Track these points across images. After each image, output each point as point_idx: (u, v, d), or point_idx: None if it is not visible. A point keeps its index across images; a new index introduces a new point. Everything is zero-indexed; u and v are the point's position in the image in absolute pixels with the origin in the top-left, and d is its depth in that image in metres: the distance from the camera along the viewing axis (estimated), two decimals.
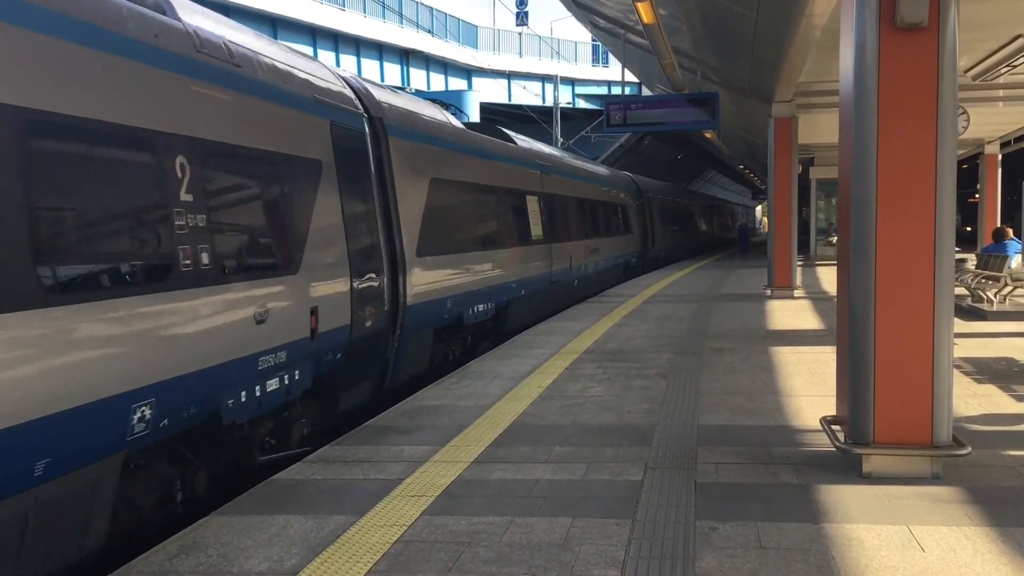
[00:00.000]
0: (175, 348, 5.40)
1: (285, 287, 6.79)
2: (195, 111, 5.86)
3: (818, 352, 10.50)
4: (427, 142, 10.65)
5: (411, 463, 6.14)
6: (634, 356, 10.59)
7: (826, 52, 12.82)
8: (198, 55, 5.99)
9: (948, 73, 5.37)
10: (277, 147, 6.92)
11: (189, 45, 5.92)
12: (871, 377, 5.52)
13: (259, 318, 6.36)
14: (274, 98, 7.00)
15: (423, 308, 9.83)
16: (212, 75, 6.13)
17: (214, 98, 6.14)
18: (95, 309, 4.73)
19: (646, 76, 26.17)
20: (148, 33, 5.49)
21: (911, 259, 5.45)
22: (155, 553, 4.62)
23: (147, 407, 5.13)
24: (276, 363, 6.64)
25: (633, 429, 6.99)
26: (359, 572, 4.31)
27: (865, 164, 5.47)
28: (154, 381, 5.19)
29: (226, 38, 6.56)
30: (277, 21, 29.52)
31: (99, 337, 4.77)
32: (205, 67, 6.05)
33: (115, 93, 5.07)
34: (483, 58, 41.25)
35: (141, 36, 5.40)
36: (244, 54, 6.71)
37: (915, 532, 4.67)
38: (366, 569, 4.34)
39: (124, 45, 5.20)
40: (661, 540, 4.62)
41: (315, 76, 8.10)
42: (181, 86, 5.74)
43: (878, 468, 5.56)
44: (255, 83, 6.73)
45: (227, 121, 6.25)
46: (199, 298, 5.64)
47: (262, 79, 6.85)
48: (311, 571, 4.33)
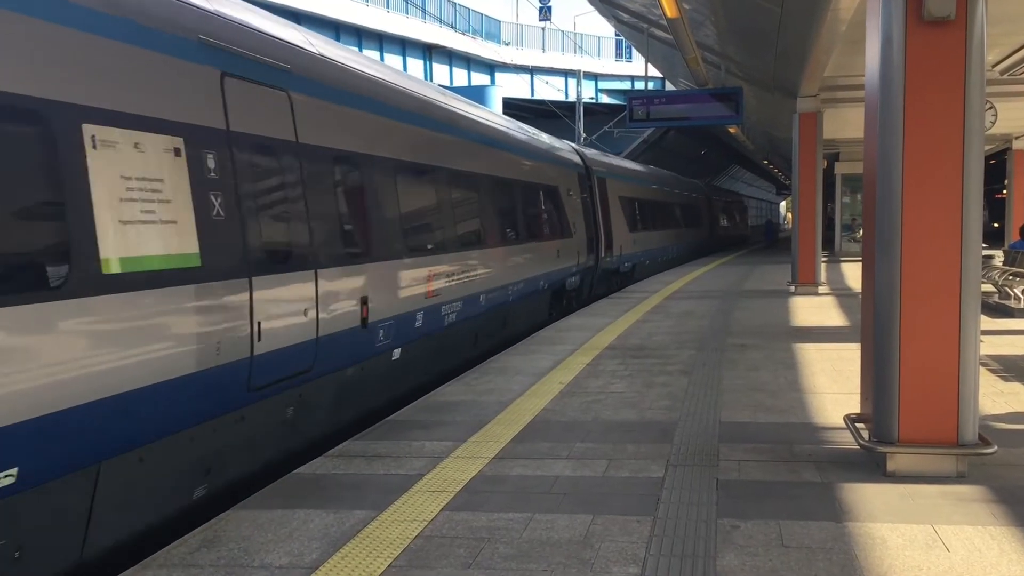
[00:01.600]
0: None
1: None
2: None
3: (842, 349, 10.42)
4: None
5: (432, 459, 6.15)
6: (656, 352, 10.55)
7: (852, 46, 12.71)
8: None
9: (976, 67, 5.30)
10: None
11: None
12: (896, 374, 5.46)
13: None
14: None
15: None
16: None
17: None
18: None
19: (670, 71, 26.07)
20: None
21: (937, 255, 5.39)
22: (177, 546, 4.65)
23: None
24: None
25: (654, 426, 6.96)
26: (379, 567, 4.31)
27: (891, 159, 5.41)
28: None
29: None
30: (301, 16, 29.61)
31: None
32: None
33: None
34: (506, 53, 41.23)
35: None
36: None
37: (940, 532, 4.62)
38: (386, 564, 4.34)
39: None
40: (682, 538, 4.60)
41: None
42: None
43: (902, 467, 5.50)
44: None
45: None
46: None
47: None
48: (331, 566, 4.34)
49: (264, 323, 6.21)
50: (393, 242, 8.62)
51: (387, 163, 8.73)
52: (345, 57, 8.57)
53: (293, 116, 7.00)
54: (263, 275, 6.26)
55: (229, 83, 6.16)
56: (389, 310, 8.39)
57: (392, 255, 8.55)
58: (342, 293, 7.44)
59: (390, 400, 8.85)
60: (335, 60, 8.17)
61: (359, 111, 8.28)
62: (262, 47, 6.74)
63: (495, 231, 12.27)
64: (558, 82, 44.75)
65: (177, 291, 5.40)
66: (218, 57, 6.09)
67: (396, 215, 8.79)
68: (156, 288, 5.22)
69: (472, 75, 40.49)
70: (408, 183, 9.24)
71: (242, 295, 6.00)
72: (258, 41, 6.74)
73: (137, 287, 5.05)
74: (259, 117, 6.52)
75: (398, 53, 35.52)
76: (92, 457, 4.79)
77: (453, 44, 38.08)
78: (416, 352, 9.24)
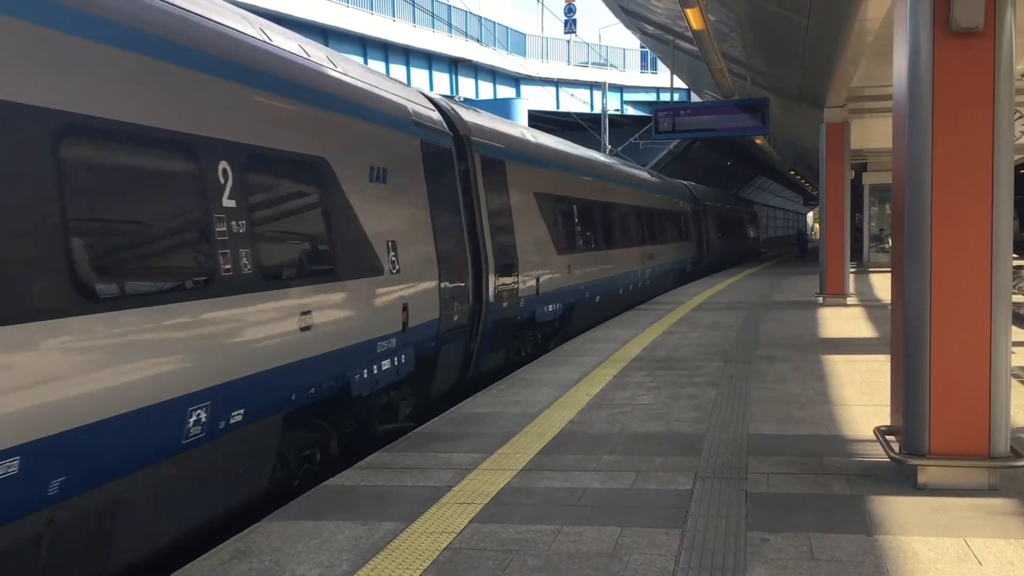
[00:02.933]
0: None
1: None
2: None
3: (871, 361, 10.35)
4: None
5: (459, 470, 6.17)
6: (683, 364, 10.52)
7: (879, 57, 12.65)
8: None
9: (1004, 78, 5.28)
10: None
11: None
12: (927, 386, 5.42)
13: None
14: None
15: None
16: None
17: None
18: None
19: (695, 82, 26.05)
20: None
21: (967, 266, 5.36)
22: (208, 557, 4.70)
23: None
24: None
25: (682, 438, 6.95)
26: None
27: (920, 170, 5.39)
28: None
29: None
30: (328, 32, 29.88)
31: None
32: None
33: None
34: (531, 66, 41.37)
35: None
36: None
37: (972, 545, 4.58)
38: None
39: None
40: (711, 551, 4.59)
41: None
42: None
43: (933, 479, 5.46)
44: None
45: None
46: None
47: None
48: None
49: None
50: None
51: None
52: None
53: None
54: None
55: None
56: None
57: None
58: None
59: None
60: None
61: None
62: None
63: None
64: (583, 94, 44.81)
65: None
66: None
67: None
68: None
69: (498, 88, 40.65)
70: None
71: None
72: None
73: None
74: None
75: (424, 67, 35.74)
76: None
77: (479, 58, 38.25)
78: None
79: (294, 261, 6.63)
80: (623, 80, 47.17)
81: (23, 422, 4.17)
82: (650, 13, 17.40)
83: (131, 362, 4.88)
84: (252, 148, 6.16)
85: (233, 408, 5.75)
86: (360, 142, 7.95)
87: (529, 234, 12.87)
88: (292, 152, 6.70)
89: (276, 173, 6.56)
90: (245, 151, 6.07)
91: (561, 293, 14.23)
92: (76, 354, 4.54)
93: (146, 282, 5.11)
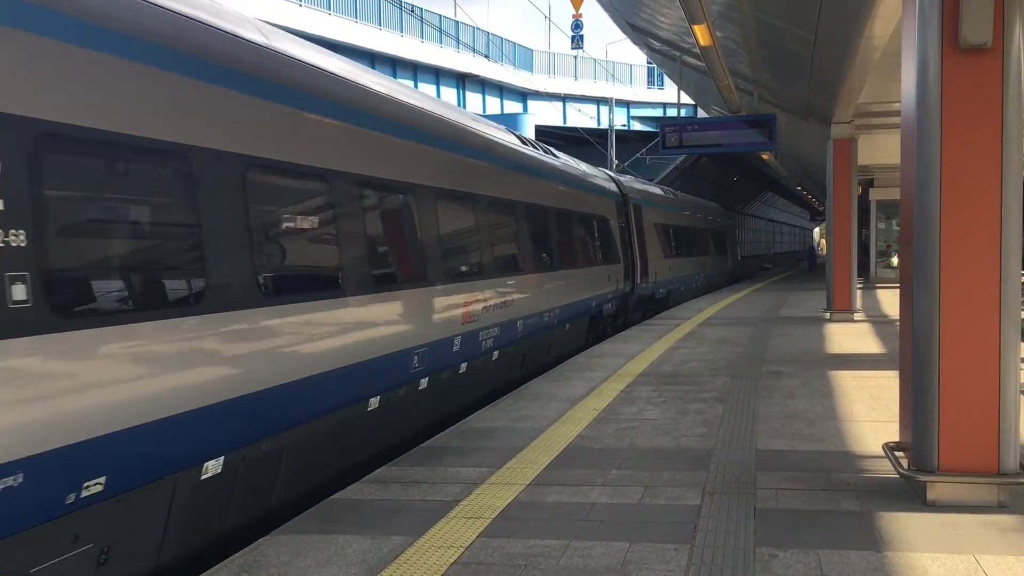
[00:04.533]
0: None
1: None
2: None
3: (880, 377, 10.33)
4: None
5: (467, 484, 6.17)
6: (690, 379, 10.51)
7: (886, 73, 12.68)
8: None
9: (1013, 94, 5.29)
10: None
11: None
12: (935, 402, 5.42)
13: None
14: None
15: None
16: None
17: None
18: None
19: (702, 98, 26.10)
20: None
21: (976, 282, 5.36)
22: (217, 571, 4.70)
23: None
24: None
25: (690, 453, 6.93)
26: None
27: (928, 186, 5.40)
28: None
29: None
30: (337, 47, 30.02)
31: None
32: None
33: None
34: (538, 81, 41.48)
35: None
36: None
37: (981, 561, 4.56)
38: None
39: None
40: (720, 566, 4.58)
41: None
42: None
43: (943, 496, 5.45)
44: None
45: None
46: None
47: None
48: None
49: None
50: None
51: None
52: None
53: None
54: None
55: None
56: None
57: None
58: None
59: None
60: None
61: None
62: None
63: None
64: (590, 109, 44.92)
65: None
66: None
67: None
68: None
69: (505, 103, 40.76)
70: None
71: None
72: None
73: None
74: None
75: (432, 82, 35.87)
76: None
77: (486, 73, 38.37)
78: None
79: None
80: (630, 96, 47.26)
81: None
82: (657, 29, 17.46)
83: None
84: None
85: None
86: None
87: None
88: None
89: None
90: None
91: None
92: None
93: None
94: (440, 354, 8.63)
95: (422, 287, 8.31)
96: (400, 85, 9.55)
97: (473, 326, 9.57)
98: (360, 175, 7.30)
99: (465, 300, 9.33)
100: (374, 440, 7.66)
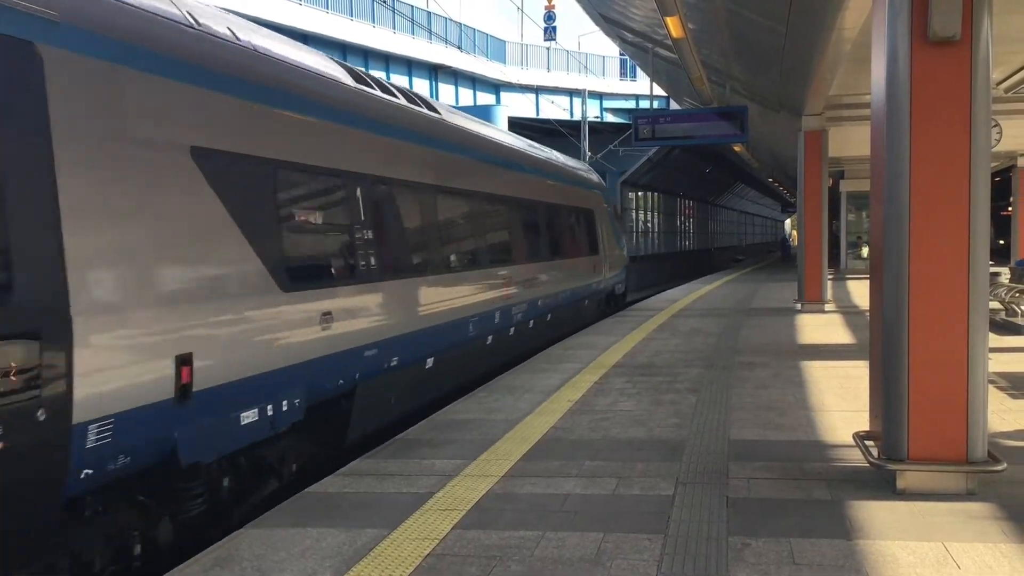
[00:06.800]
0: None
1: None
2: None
3: (850, 367, 10.42)
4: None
5: (442, 477, 6.17)
6: (664, 370, 10.56)
7: (856, 65, 12.78)
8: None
9: (981, 86, 5.35)
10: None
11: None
12: (905, 392, 5.47)
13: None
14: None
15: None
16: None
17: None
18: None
19: (674, 90, 26.17)
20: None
21: (945, 273, 5.41)
22: (189, 565, 4.67)
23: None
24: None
25: (663, 444, 6.97)
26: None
27: (898, 177, 5.45)
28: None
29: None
30: (308, 37, 29.79)
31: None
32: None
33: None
34: (511, 73, 41.40)
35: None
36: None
37: (950, 549, 4.62)
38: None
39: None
40: (693, 555, 4.61)
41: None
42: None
43: (912, 484, 5.51)
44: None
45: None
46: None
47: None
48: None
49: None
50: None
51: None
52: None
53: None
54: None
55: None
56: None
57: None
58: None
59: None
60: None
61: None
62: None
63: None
64: (563, 101, 44.89)
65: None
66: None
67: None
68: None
69: (478, 95, 40.65)
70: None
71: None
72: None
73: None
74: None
75: (404, 73, 35.69)
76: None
77: (459, 64, 38.24)
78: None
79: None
80: (603, 87, 47.27)
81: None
82: (630, 21, 17.48)
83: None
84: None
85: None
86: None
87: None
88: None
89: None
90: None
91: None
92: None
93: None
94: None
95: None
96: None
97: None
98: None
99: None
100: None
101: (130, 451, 4.94)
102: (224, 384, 5.71)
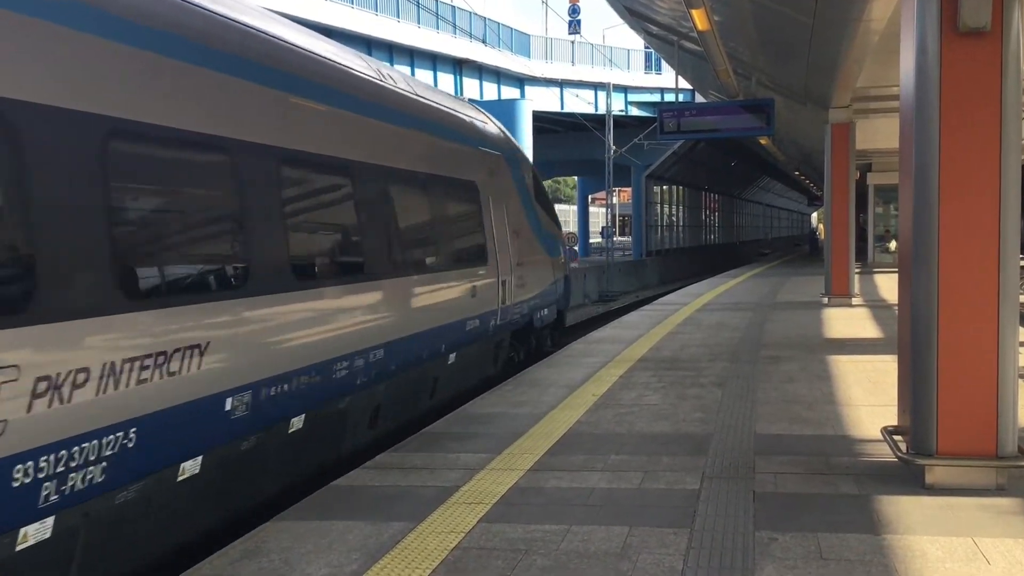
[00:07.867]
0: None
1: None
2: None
3: (877, 361, 10.35)
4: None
5: (467, 470, 6.18)
6: (689, 364, 10.53)
7: (884, 57, 12.66)
8: None
9: (1012, 77, 5.28)
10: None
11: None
12: (934, 386, 5.43)
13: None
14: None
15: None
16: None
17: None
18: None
19: (700, 83, 26.03)
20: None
21: (975, 266, 5.36)
22: (218, 557, 4.71)
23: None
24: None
25: (689, 438, 6.95)
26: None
27: (927, 169, 5.40)
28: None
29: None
30: (333, 32, 29.91)
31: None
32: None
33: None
34: (535, 67, 41.34)
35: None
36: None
37: (980, 544, 4.58)
38: (424, 575, 4.38)
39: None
40: (720, 550, 4.60)
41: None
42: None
43: (941, 479, 5.47)
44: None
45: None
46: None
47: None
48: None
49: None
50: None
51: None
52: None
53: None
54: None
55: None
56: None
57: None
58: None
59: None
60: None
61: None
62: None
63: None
64: (588, 95, 44.79)
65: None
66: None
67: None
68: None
69: (502, 89, 40.63)
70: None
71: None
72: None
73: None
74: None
75: (429, 68, 35.74)
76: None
77: (483, 59, 38.22)
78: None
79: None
80: (627, 81, 47.11)
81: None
82: (655, 14, 17.40)
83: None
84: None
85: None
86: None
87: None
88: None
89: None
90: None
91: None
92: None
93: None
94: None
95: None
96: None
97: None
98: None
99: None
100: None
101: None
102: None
